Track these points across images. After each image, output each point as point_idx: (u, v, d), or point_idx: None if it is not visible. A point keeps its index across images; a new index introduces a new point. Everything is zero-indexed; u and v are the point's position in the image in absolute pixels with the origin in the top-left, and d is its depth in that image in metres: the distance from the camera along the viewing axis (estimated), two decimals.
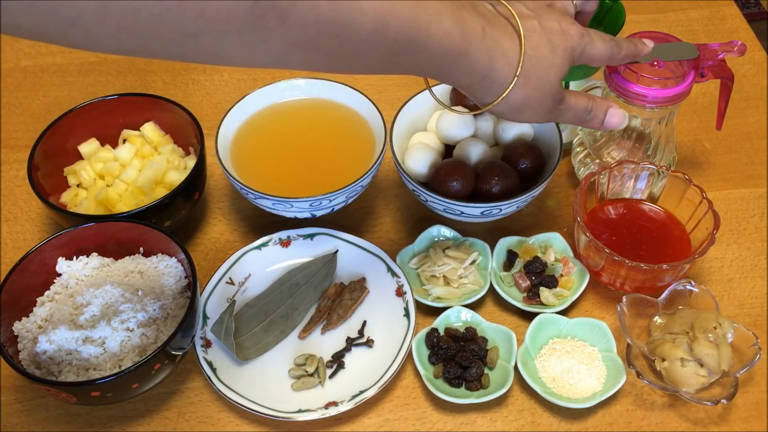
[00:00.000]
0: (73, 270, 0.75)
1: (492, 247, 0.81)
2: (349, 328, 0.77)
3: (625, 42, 0.67)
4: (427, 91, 0.85)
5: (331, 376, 0.74)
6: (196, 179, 0.81)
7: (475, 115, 0.83)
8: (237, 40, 0.47)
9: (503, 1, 0.60)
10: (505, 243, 0.82)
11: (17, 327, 0.71)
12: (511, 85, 0.58)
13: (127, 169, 0.85)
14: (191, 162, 0.86)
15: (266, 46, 0.48)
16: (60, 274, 0.75)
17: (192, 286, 0.71)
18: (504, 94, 0.59)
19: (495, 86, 0.59)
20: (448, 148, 0.84)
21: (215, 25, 0.45)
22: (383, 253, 0.80)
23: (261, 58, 0.50)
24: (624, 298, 0.74)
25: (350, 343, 0.76)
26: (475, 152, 0.81)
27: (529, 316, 0.76)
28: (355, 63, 0.53)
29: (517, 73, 0.58)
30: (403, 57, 0.54)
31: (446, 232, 0.83)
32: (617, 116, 0.67)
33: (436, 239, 0.83)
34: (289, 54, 0.50)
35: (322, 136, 0.86)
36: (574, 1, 0.66)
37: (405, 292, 0.77)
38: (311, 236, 0.82)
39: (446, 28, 0.54)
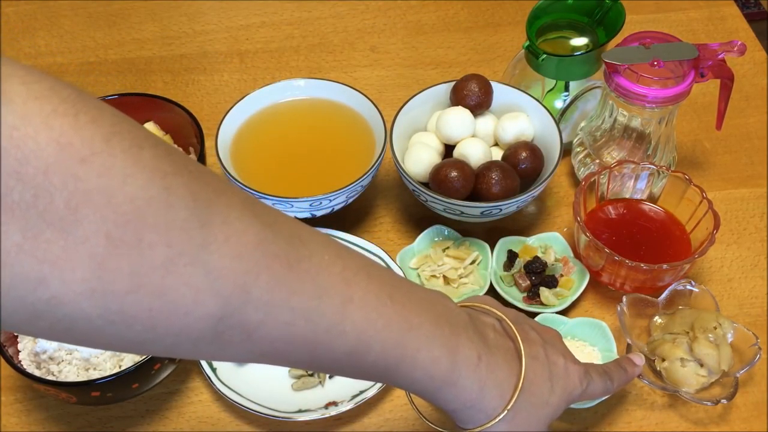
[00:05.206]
0: None
1: (492, 247, 0.81)
2: None
3: (616, 372, 0.64)
4: (426, 90, 0.86)
5: (331, 376, 0.73)
6: None
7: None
8: (190, 347, 0.41)
9: (512, 325, 0.55)
10: (505, 243, 0.82)
11: None
12: (498, 419, 0.53)
13: None
14: None
15: (224, 354, 0.43)
16: None
17: None
18: (488, 425, 0.53)
19: (480, 416, 0.53)
20: (448, 148, 0.84)
21: (167, 338, 0.39)
22: (383, 253, 0.80)
23: (216, 359, 0.46)
24: (624, 298, 0.74)
25: None
26: (475, 152, 0.81)
27: (529, 316, 0.76)
28: (327, 371, 0.49)
29: (508, 407, 0.53)
30: (381, 378, 0.50)
31: (446, 232, 0.83)
32: None
33: (436, 239, 0.83)
34: (250, 360, 0.46)
35: (322, 136, 0.86)
36: None
37: None
38: None
39: (435, 356, 0.49)
